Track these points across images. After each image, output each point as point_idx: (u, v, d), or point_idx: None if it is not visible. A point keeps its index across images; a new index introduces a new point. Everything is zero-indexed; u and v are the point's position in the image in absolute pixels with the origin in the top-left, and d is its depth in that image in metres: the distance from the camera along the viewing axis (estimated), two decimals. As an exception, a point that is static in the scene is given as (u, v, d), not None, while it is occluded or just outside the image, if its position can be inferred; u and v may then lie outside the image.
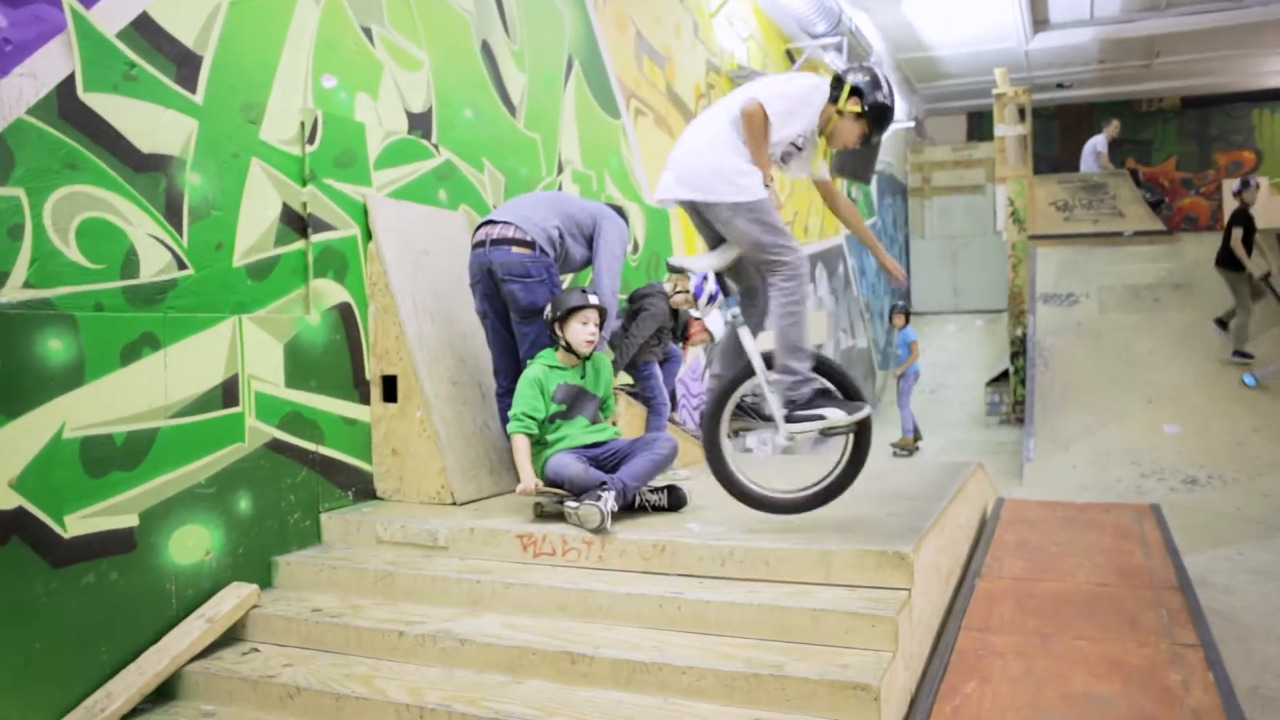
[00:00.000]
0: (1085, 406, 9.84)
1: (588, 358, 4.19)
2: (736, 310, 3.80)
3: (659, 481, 4.13)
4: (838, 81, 3.84)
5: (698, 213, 3.74)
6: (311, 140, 4.15)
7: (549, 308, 4.10)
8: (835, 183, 4.23)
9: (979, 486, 5.54)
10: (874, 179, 14.53)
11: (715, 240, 3.78)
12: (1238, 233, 9.64)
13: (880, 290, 15.25)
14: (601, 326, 4.49)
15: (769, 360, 3.64)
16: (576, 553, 3.65)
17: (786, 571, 3.34)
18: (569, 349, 4.12)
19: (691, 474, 5.11)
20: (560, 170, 6.11)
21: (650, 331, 5.32)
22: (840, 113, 3.79)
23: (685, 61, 8.10)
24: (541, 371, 4.10)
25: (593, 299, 4.14)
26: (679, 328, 6.02)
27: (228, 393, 3.72)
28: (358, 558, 3.88)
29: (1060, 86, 17.00)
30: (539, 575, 3.58)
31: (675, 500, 4.01)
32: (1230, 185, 12.96)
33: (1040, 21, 13.98)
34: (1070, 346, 10.69)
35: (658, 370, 5.46)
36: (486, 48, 5.44)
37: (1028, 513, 5.70)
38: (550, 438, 4.04)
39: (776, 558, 3.37)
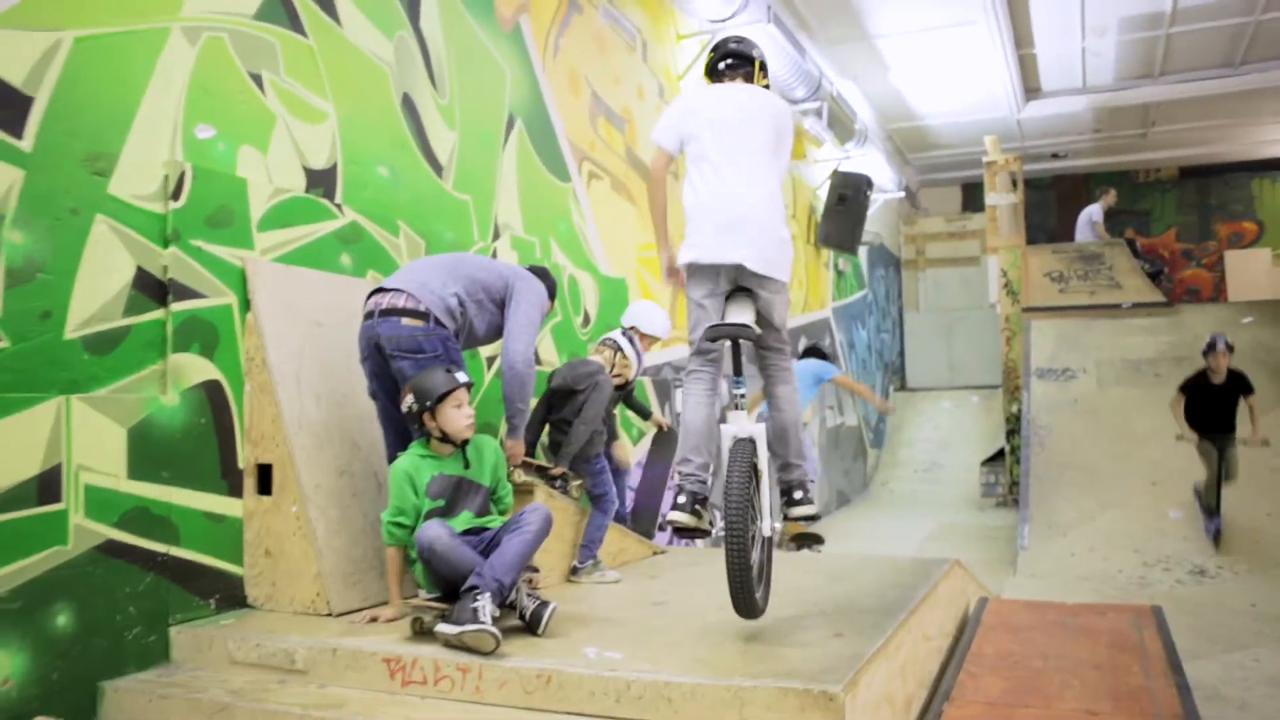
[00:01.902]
0: (1084, 489, 9.19)
1: (467, 441, 3.63)
2: (744, 391, 3.44)
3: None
4: (762, 67, 3.86)
5: (731, 281, 3.47)
6: (176, 196, 3.65)
7: (410, 398, 3.55)
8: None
9: (955, 588, 4.91)
10: (864, 250, 14.09)
11: (718, 309, 3.51)
12: (1179, 401, 8.38)
13: (871, 365, 14.70)
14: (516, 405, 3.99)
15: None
16: (450, 682, 3.04)
17: (692, 712, 2.73)
18: (445, 438, 3.58)
19: (620, 576, 4.51)
20: (496, 235, 5.61)
21: (601, 414, 4.77)
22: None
23: (648, 124, 7.67)
24: (410, 463, 3.54)
25: (461, 376, 3.60)
26: (633, 404, 5.49)
27: (45, 487, 3.16)
28: (201, 683, 3.27)
29: (1055, 156, 16.69)
30: (405, 710, 2.97)
31: (534, 620, 3.36)
32: (1231, 257, 12.54)
33: (1032, 90, 13.68)
34: (1067, 424, 10.08)
35: (607, 464, 4.88)
36: (409, 102, 4.99)
37: (1013, 616, 5.05)
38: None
39: (681, 694, 2.75)
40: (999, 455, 12.57)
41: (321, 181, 4.41)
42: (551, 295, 4.44)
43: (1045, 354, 11.07)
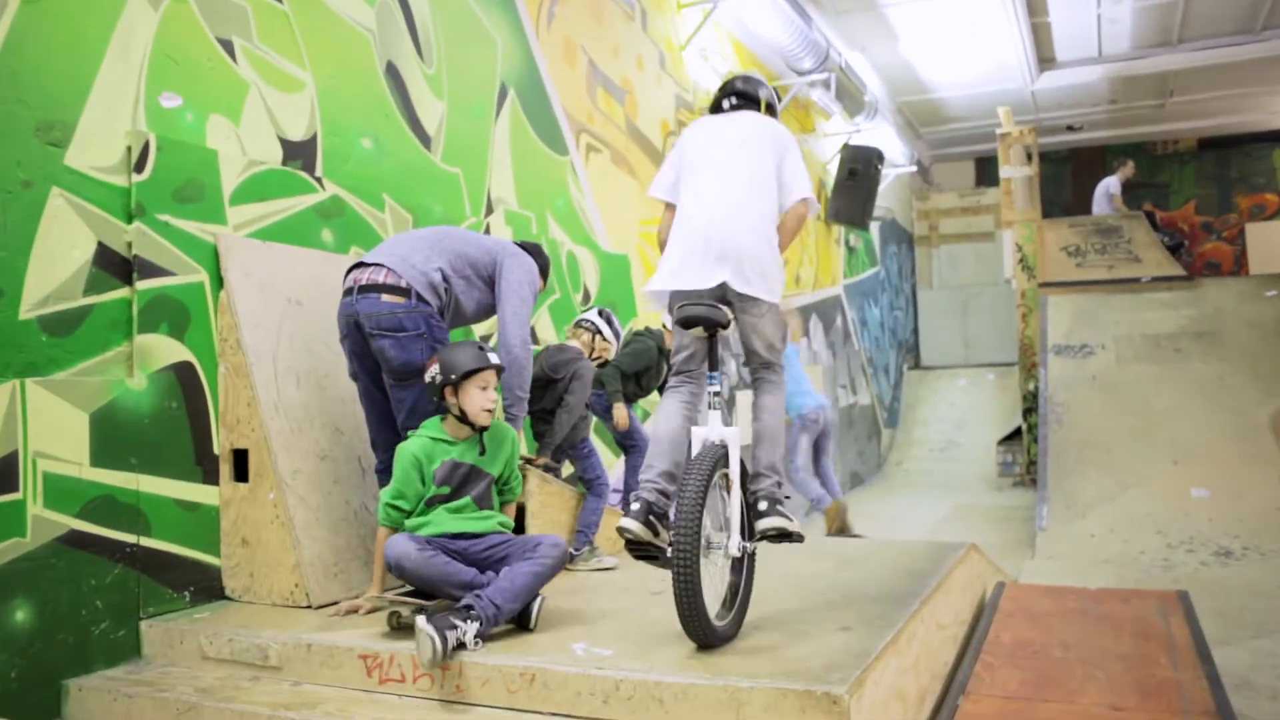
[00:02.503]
0: (1104, 468, 8.93)
1: (485, 428, 3.40)
2: (719, 388, 3.17)
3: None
4: (769, 109, 3.67)
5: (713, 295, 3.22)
6: (140, 169, 3.45)
7: (435, 369, 3.30)
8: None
9: (971, 573, 4.69)
10: (875, 226, 13.79)
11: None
12: None
13: (885, 343, 14.43)
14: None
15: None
16: (430, 680, 2.85)
17: (685, 713, 2.52)
18: (463, 418, 3.34)
19: (617, 563, 4.32)
20: (490, 210, 5.40)
21: (585, 401, 4.57)
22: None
23: (649, 96, 7.43)
24: (422, 446, 3.31)
25: (493, 358, 3.38)
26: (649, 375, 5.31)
27: (0, 476, 2.97)
28: (170, 680, 3.09)
29: (1071, 129, 16.31)
30: (380, 710, 2.78)
31: (523, 619, 3.14)
32: (1253, 229, 12.18)
33: (1046, 60, 13.32)
34: (1086, 402, 9.81)
35: (595, 447, 4.70)
36: (393, 70, 4.77)
37: (1032, 602, 4.83)
38: (410, 523, 3.24)
39: (673, 694, 2.55)
40: (1016, 434, 12.32)
41: (300, 153, 4.20)
42: (544, 273, 4.21)
43: (1062, 330, 10.79)
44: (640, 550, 2.96)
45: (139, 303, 3.43)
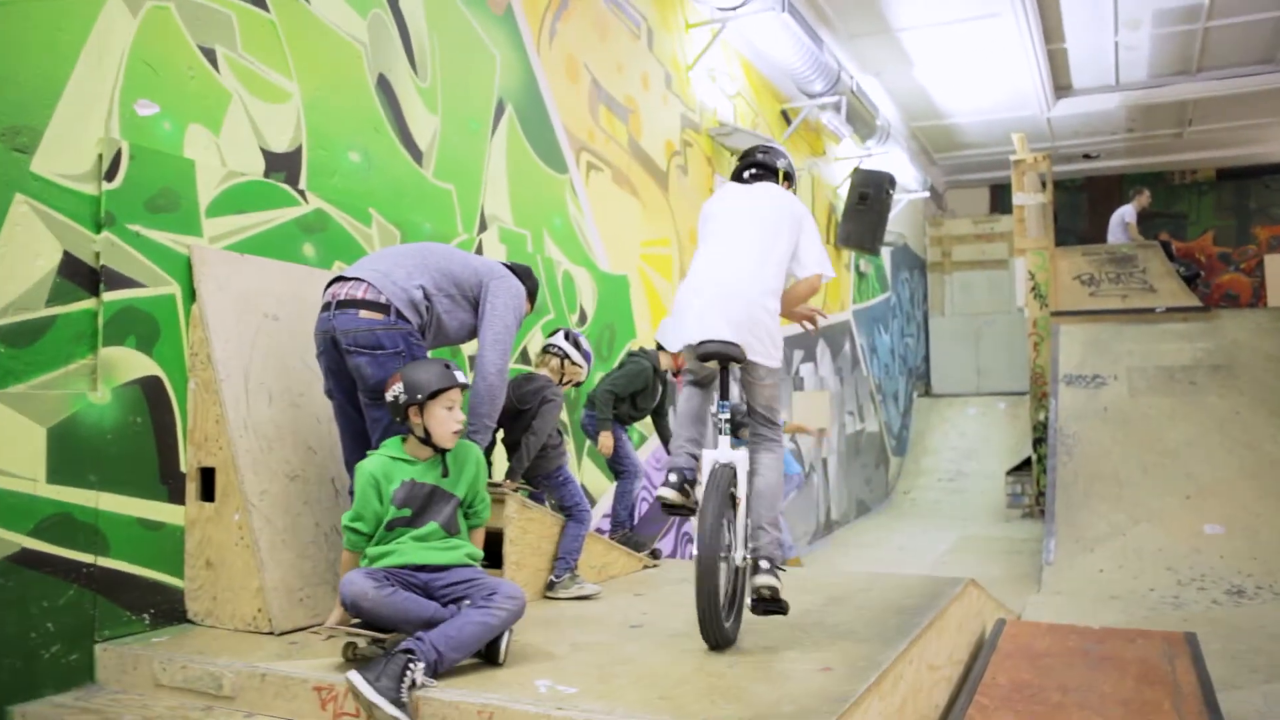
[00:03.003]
0: (1114, 502, 8.73)
1: (448, 449, 3.27)
2: (728, 415, 3.44)
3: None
4: (787, 178, 3.91)
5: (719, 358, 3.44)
6: (111, 177, 3.35)
7: (399, 387, 3.16)
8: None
9: (969, 610, 4.52)
10: (887, 252, 13.65)
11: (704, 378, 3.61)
12: None
13: (894, 370, 14.26)
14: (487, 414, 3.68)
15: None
16: (384, 716, 2.70)
17: (646, 761, 2.38)
18: (426, 439, 3.21)
19: (600, 589, 4.17)
20: (483, 227, 5.30)
21: (552, 428, 4.46)
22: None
23: (654, 116, 7.34)
24: (379, 465, 3.18)
25: (460, 376, 3.25)
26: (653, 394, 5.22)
27: (-53, 492, 2.87)
28: (118, 708, 2.97)
29: (1087, 157, 16.16)
30: (332, 746, 2.65)
31: (491, 654, 2.99)
32: (1272, 261, 11.98)
33: (1062, 87, 13.20)
34: (1096, 434, 9.61)
35: (572, 474, 4.57)
36: (385, 84, 4.68)
37: (1033, 642, 4.65)
38: (373, 552, 3.11)
39: (635, 739, 2.40)
40: (1025, 464, 12.11)
41: (283, 165, 4.11)
42: (532, 296, 4.09)
43: (1074, 360, 10.61)
44: (673, 510, 3.35)
45: (105, 314, 3.33)
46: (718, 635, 3.14)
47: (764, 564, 3.30)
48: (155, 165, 3.51)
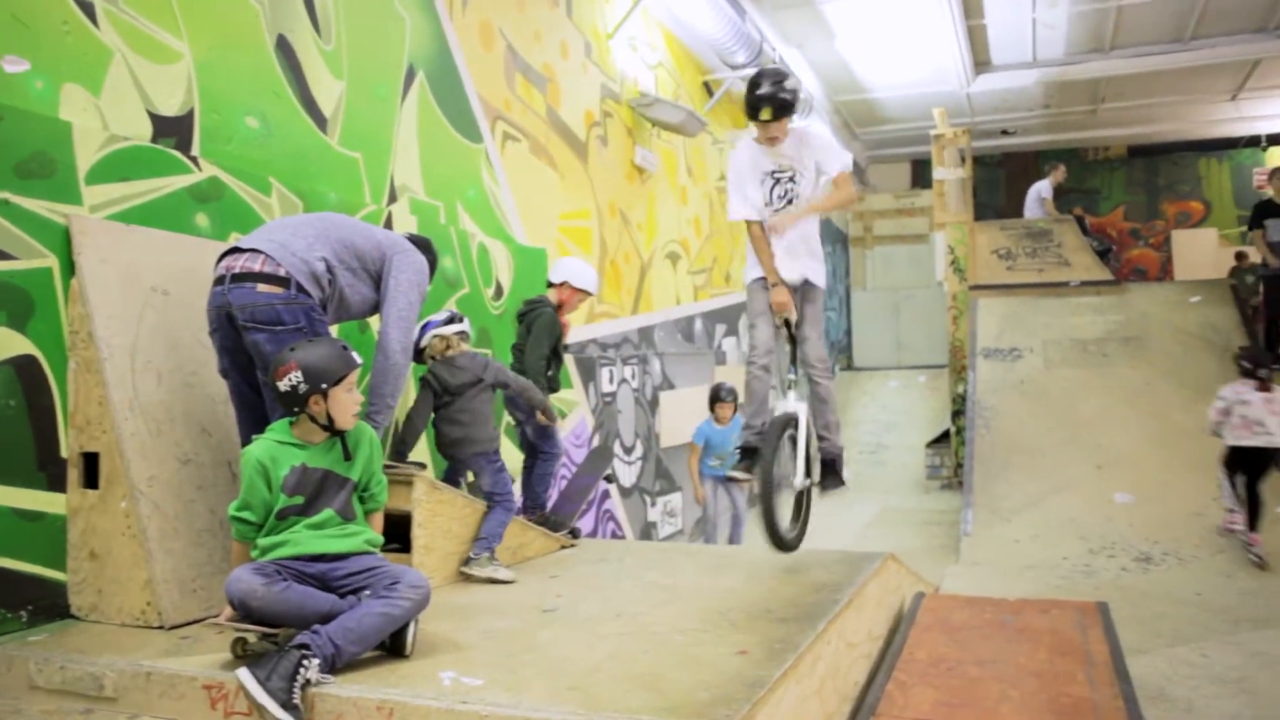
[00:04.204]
0: (1029, 473, 8.90)
1: (348, 431, 3.10)
2: (795, 377, 4.39)
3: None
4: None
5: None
6: (-26, 140, 3.09)
7: (297, 375, 2.91)
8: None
9: (888, 585, 4.52)
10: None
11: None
12: None
13: (831, 336, 14.33)
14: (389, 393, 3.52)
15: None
16: (279, 714, 2.55)
17: (554, 755, 2.27)
18: (328, 423, 3.02)
19: (515, 577, 4.05)
20: (393, 198, 5.08)
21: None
22: None
23: (573, 85, 7.16)
24: (266, 449, 2.98)
25: (356, 356, 3.08)
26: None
27: None
28: (-11, 715, 2.76)
29: (1005, 133, 16.40)
30: (222, 748, 2.49)
31: (397, 645, 2.86)
32: (1179, 236, 12.34)
33: (982, 63, 13.34)
34: (1013, 406, 9.78)
35: (503, 462, 4.44)
36: (285, 45, 4.44)
37: (950, 614, 4.66)
38: (264, 542, 2.93)
39: (542, 732, 2.30)
40: (944, 437, 12.30)
41: (173, 130, 3.86)
42: (432, 269, 3.94)
43: (992, 333, 10.77)
44: (738, 480, 4.38)
45: (-29, 289, 3.08)
46: (779, 539, 4.13)
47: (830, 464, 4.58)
48: (25, 127, 3.25)
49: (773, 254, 4.29)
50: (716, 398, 7.32)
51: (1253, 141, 16.56)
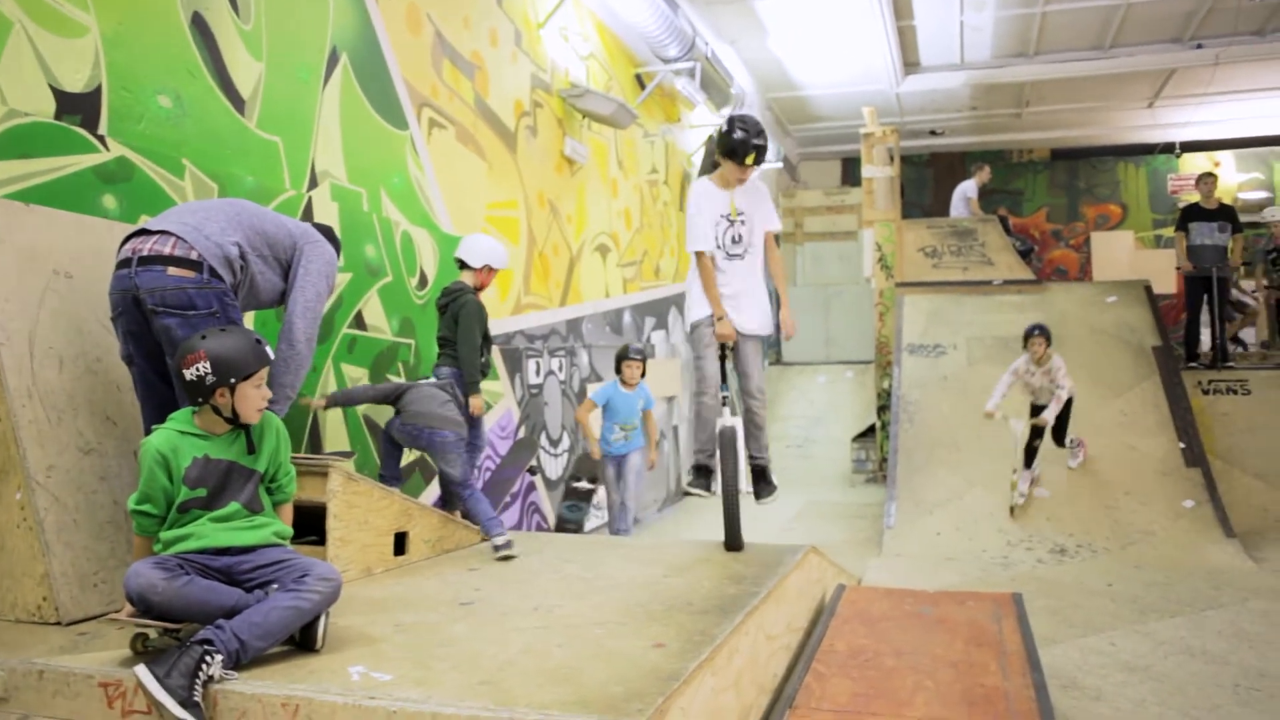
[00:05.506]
0: (951, 467, 9.05)
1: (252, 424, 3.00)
2: (729, 394, 4.73)
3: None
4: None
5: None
6: None
7: (205, 366, 2.82)
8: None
9: (810, 577, 4.55)
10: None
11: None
12: None
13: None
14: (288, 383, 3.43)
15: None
16: (179, 712, 2.47)
17: (463, 751, 2.23)
18: (232, 416, 2.93)
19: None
20: (314, 183, 4.97)
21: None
22: (716, 164, 4.82)
23: (503, 73, 7.08)
24: (166, 440, 2.88)
25: (270, 351, 3.00)
26: None
27: None
28: None
29: (933, 133, 16.69)
30: (119, 748, 2.40)
31: (307, 640, 2.80)
32: (1097, 238, 12.67)
33: (911, 64, 13.55)
34: (936, 401, 9.94)
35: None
36: (201, 23, 4.30)
37: (870, 606, 4.72)
38: (167, 536, 2.83)
39: (452, 728, 2.25)
40: (870, 431, 12.47)
41: (78, 107, 3.71)
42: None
43: (917, 329, 10.93)
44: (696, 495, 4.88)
45: None
46: (737, 539, 4.60)
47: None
48: (-84, 100, 3.09)
49: (719, 293, 4.66)
50: (624, 356, 6.73)
51: (1167, 148, 17.13)
